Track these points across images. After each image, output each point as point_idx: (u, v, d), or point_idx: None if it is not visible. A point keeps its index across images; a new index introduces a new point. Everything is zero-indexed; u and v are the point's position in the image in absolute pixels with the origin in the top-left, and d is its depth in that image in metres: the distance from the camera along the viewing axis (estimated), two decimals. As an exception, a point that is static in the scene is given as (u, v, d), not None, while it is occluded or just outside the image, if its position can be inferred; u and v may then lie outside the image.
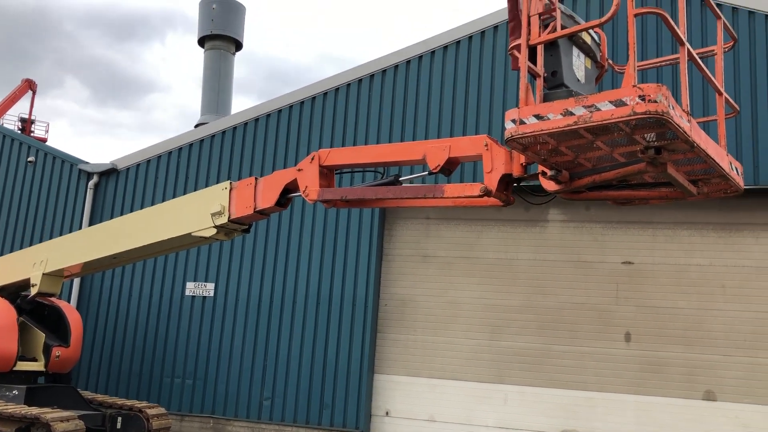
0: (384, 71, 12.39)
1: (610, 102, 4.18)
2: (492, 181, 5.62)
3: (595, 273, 11.14)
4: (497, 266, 11.59)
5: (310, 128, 12.67)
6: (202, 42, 27.42)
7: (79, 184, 14.00)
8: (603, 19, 4.40)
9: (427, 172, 6.40)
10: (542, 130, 4.49)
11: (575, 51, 5.51)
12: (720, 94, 5.54)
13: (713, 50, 5.77)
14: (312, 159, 7.24)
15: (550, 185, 5.37)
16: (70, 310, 10.77)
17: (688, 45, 4.75)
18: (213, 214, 7.97)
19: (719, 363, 10.36)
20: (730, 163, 5.42)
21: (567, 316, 11.12)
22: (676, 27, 4.58)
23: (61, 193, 14.11)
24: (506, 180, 5.68)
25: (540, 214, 11.58)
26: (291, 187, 7.54)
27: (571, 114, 4.34)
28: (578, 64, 5.50)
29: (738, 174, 5.57)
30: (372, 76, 12.46)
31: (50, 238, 13.29)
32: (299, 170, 7.36)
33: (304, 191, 7.28)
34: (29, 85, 38.97)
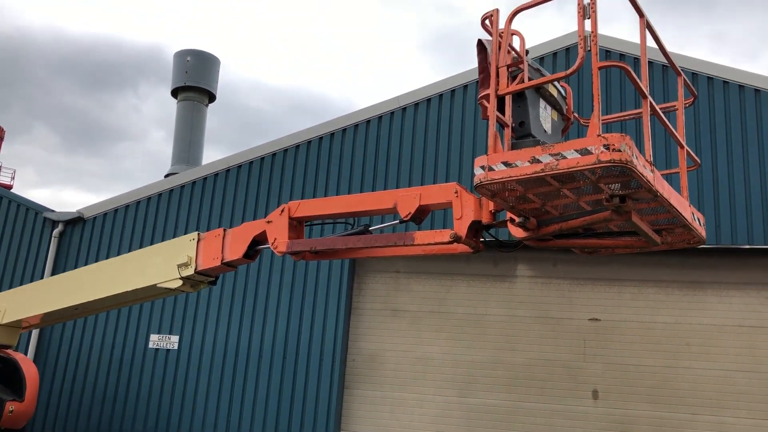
0: (356, 125, 12.55)
1: (576, 150, 4.29)
2: (462, 228, 5.67)
3: (563, 329, 11.17)
4: (467, 321, 11.57)
5: (281, 180, 12.69)
6: (175, 93, 27.54)
7: (43, 233, 13.74)
8: (568, 71, 4.54)
9: (398, 221, 6.42)
10: (510, 177, 4.58)
11: (542, 103, 5.68)
12: (681, 147, 5.71)
13: (674, 105, 5.98)
14: (282, 211, 7.22)
15: (518, 232, 5.45)
16: (26, 362, 10.40)
17: (650, 98, 4.92)
18: (179, 266, 7.84)
19: (686, 422, 10.37)
20: (693, 214, 5.56)
21: (536, 373, 11.08)
22: (638, 80, 4.74)
23: (24, 242, 13.81)
24: (475, 227, 5.73)
25: (508, 269, 11.65)
26: (260, 239, 7.48)
27: (538, 161, 4.44)
28: (545, 116, 5.66)
29: (700, 225, 5.70)
30: (344, 130, 12.60)
31: (11, 287, 12.94)
32: (268, 222, 7.32)
33: (272, 243, 7.22)
34: (-4, 132, 38.55)
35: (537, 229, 5.30)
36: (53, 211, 13.88)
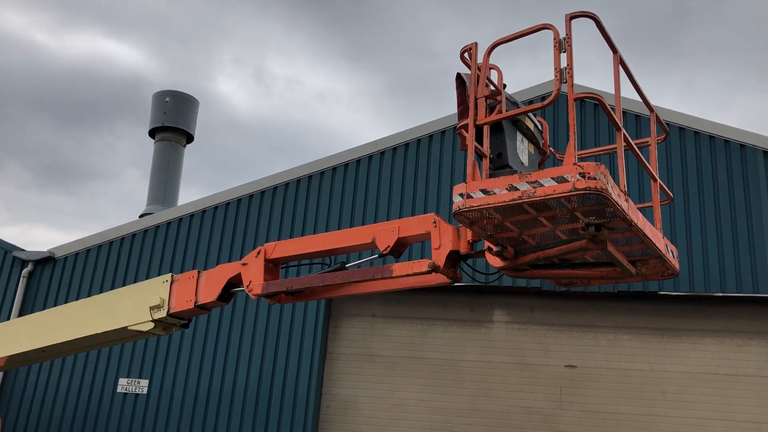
0: (334, 168, 12.58)
1: (552, 178, 4.39)
2: (440, 257, 5.67)
3: (539, 376, 11.11)
4: (443, 367, 11.46)
5: (257, 222, 12.62)
6: (153, 133, 27.49)
7: (12, 272, 13.43)
8: (545, 102, 4.66)
9: (376, 256, 6.37)
10: (488, 204, 4.65)
11: (519, 136, 5.80)
12: (655, 180, 5.83)
13: (647, 141, 6.12)
14: (258, 253, 7.14)
15: (495, 261, 5.46)
16: (-12, 406, 10.05)
17: (624, 131, 5.03)
18: (151, 308, 7.69)
19: (663, 471, 10.28)
20: (666, 246, 5.62)
21: (513, 420, 10.96)
22: (612, 112, 4.85)
23: (-9, 281, 13.48)
24: (453, 257, 5.73)
25: (485, 314, 11.62)
26: (234, 282, 7.38)
27: (516, 189, 4.52)
28: (522, 149, 5.77)
29: (674, 257, 5.77)
30: (323, 172, 12.62)
31: (-25, 328, 12.57)
32: (244, 264, 7.23)
33: (247, 286, 7.13)
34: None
35: (514, 259, 5.34)
36: (23, 250, 13.61)
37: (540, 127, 6.22)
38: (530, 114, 6.01)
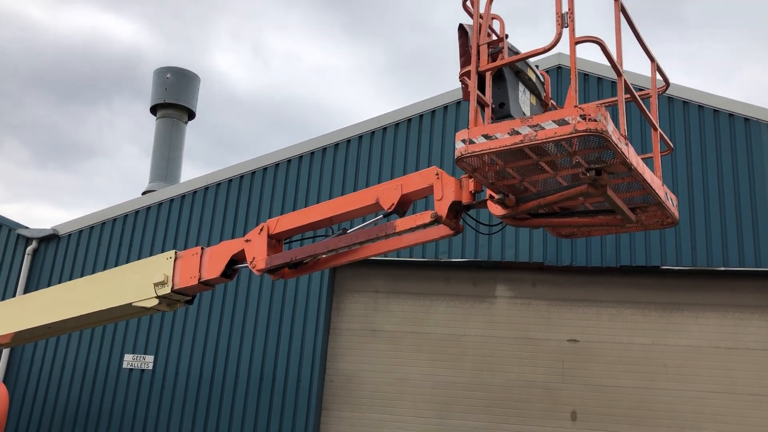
0: (336, 145, 12.55)
1: (554, 121, 4.41)
2: (442, 208, 5.72)
3: (542, 350, 11.18)
4: (446, 342, 11.53)
5: (260, 199, 12.62)
6: (154, 110, 27.40)
7: (16, 250, 13.49)
8: (547, 45, 4.67)
9: (381, 216, 6.36)
10: (490, 149, 4.67)
11: (521, 87, 5.82)
12: (655, 129, 5.85)
13: (648, 92, 6.11)
14: (261, 230, 7.16)
15: (496, 210, 5.52)
16: (-4, 382, 10.16)
17: (624, 77, 5.03)
18: (156, 284, 7.74)
19: (664, 443, 10.38)
20: (666, 194, 5.65)
21: (515, 395, 11.05)
22: (613, 56, 4.88)
23: (-5, 259, 13.55)
24: (456, 208, 5.79)
25: (488, 290, 11.66)
26: (238, 258, 7.42)
27: (518, 133, 4.54)
28: (524, 99, 5.79)
29: (674, 205, 5.79)
30: (324, 149, 12.59)
31: (-19, 305, 12.67)
32: (247, 241, 7.26)
33: (251, 262, 7.16)
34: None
35: (515, 206, 5.39)
36: (27, 227, 13.64)
37: (542, 79, 6.22)
38: (532, 65, 6.02)
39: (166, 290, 7.69)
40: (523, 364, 11.17)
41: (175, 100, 27.14)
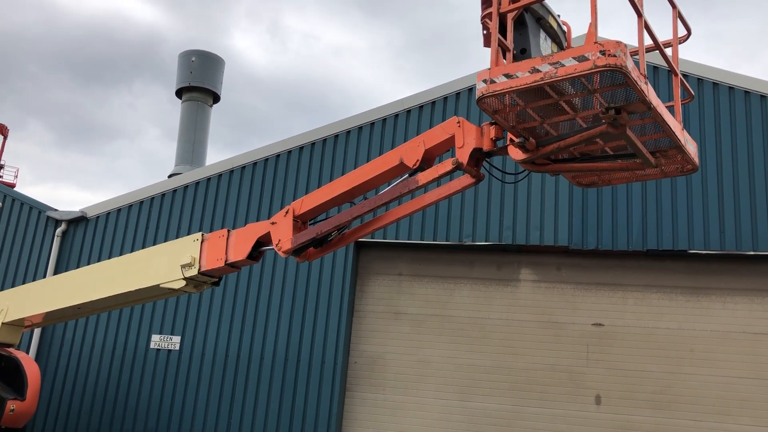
0: (360, 128, 12.54)
1: (574, 58, 4.44)
2: (464, 155, 5.77)
3: (565, 334, 11.14)
4: (469, 325, 11.54)
5: (285, 182, 12.68)
6: (179, 93, 27.57)
7: (46, 232, 13.74)
8: None
9: (407, 175, 6.35)
10: (511, 88, 4.72)
11: (542, 34, 5.83)
12: (675, 74, 5.80)
13: (669, 41, 6.07)
14: (286, 212, 7.20)
15: (517, 154, 5.55)
16: (28, 361, 10.40)
17: (645, 17, 5.03)
18: (183, 266, 7.83)
19: (688, 428, 10.32)
20: (686, 138, 5.62)
21: (538, 378, 11.04)
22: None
23: (27, 241, 13.81)
24: (477, 155, 5.84)
25: (511, 273, 11.62)
26: (263, 241, 7.47)
27: (538, 71, 4.58)
28: (545, 47, 5.80)
29: (694, 151, 5.76)
30: (348, 132, 12.59)
31: (14, 286, 12.94)
32: (273, 223, 7.30)
33: (276, 244, 7.21)
34: (0, 130, 38.52)
35: (536, 150, 5.42)
36: (56, 210, 13.88)
37: (563, 28, 6.19)
38: (554, 14, 6.01)
39: (193, 272, 7.77)
40: (547, 348, 11.14)
41: (200, 84, 27.31)
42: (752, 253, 10.31)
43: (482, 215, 11.44)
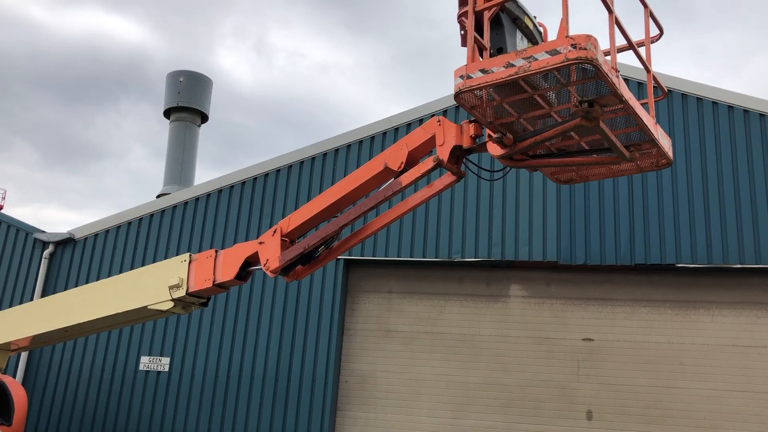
0: (348, 146, 12.57)
1: (546, 52, 4.59)
2: (444, 152, 5.91)
3: (556, 350, 11.14)
4: (460, 342, 11.52)
5: (273, 201, 12.67)
6: (167, 113, 27.59)
7: (33, 254, 13.64)
8: None
9: (392, 179, 6.39)
10: (487, 83, 4.85)
11: (519, 34, 5.98)
12: (648, 71, 5.93)
13: (642, 41, 6.20)
14: (274, 232, 7.19)
15: (495, 150, 5.67)
16: (14, 385, 10.26)
17: (615, 13, 5.17)
18: (171, 287, 7.78)
19: (681, 442, 10.31)
20: (659, 133, 5.74)
21: (530, 394, 11.02)
22: None
23: (14, 263, 13.70)
24: (457, 153, 5.96)
25: (501, 289, 11.63)
26: (252, 260, 7.45)
27: (513, 65, 4.72)
28: (522, 47, 5.92)
29: (668, 146, 5.85)
30: (337, 150, 12.62)
31: (0, 309, 12.82)
32: (261, 243, 7.29)
33: (264, 264, 7.19)
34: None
35: (513, 145, 5.54)
36: (44, 231, 13.79)
37: (539, 29, 6.30)
38: (529, 14, 6.13)
39: (181, 293, 7.73)
40: (538, 364, 11.13)
41: (188, 104, 27.31)
42: (739, 266, 10.38)
43: (471, 231, 11.47)
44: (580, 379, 10.91)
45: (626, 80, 11.41)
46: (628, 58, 13.73)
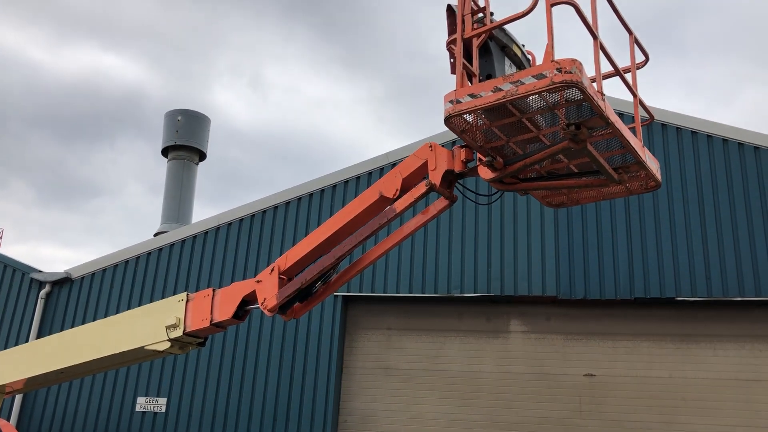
0: (346, 182, 12.61)
1: (533, 76, 4.72)
2: (436, 177, 5.98)
3: (558, 385, 11.02)
4: (460, 379, 11.40)
5: (271, 238, 12.66)
6: (165, 152, 27.71)
7: (29, 294, 13.54)
8: (525, 9, 4.96)
9: (387, 207, 6.43)
10: (476, 107, 4.99)
11: (507, 61, 6.08)
12: (635, 95, 6.05)
13: (628, 67, 6.31)
14: (272, 270, 7.15)
15: (485, 173, 5.76)
16: (9, 429, 10.11)
17: (600, 39, 5.31)
18: (168, 327, 7.70)
19: (686, 479, 10.14)
20: (647, 155, 5.87)
21: (532, 431, 10.86)
22: (588, 19, 5.15)
23: (9, 303, 13.60)
24: (449, 177, 6.05)
25: (501, 325, 11.55)
26: (249, 299, 7.40)
27: (500, 90, 4.87)
28: (510, 74, 5.97)
29: (655, 168, 5.93)
30: (334, 186, 12.65)
31: (-6, 350, 12.68)
32: (258, 281, 7.24)
33: (262, 303, 7.13)
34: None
35: (503, 168, 5.65)
36: (40, 271, 13.72)
37: (528, 57, 6.42)
38: (518, 42, 6.25)
39: (178, 333, 7.65)
40: (540, 401, 11.00)
41: (185, 142, 27.44)
42: (739, 299, 10.34)
43: (470, 267, 11.44)
44: (582, 416, 10.77)
45: (620, 115, 11.52)
46: (616, 89, 13.85)
